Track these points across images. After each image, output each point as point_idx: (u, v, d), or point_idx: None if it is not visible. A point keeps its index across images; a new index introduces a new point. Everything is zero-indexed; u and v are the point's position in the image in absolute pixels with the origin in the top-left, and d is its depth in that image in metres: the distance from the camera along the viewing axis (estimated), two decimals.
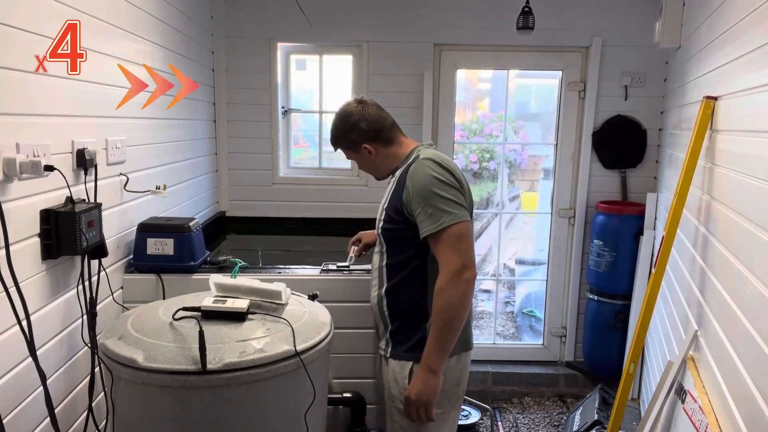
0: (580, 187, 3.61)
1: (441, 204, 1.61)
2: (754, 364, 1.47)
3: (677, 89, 3.04)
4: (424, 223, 1.63)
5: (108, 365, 1.57)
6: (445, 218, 1.60)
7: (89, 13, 1.87)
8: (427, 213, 1.61)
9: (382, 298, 1.79)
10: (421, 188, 1.63)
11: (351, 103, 1.86)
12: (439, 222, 1.60)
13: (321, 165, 3.82)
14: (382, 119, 1.84)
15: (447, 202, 1.62)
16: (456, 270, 1.59)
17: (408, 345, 1.75)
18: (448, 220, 1.60)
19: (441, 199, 1.61)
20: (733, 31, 1.99)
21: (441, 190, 1.63)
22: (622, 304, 3.41)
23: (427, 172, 1.65)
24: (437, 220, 1.60)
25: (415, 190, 1.64)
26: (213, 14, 3.40)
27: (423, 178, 1.64)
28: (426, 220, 1.62)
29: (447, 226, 1.60)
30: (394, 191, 1.75)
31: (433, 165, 1.67)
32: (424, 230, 1.63)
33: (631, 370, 2.29)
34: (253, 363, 1.50)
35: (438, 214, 1.60)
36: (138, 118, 2.31)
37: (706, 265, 2.04)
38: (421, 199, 1.63)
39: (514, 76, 3.80)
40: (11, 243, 1.46)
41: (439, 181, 1.64)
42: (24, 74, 1.54)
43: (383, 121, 1.84)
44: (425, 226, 1.62)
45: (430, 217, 1.61)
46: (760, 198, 1.55)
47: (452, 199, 1.62)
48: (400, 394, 1.73)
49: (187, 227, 2.26)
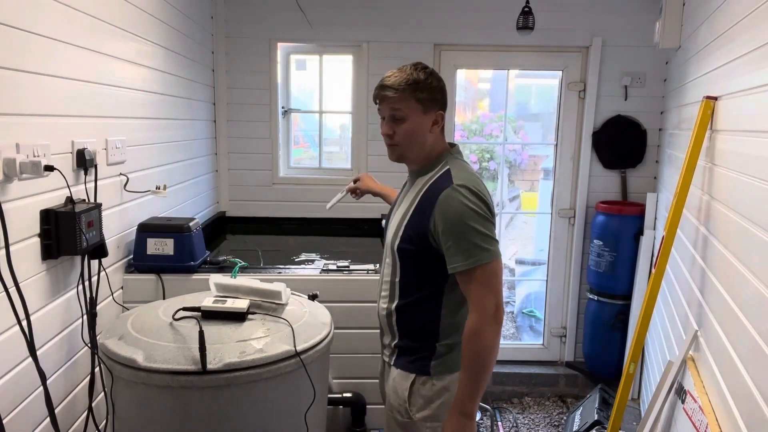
0: (580, 187, 3.61)
1: (476, 239, 1.48)
2: (754, 364, 1.47)
3: (677, 89, 3.04)
4: (455, 258, 1.50)
5: (108, 365, 1.57)
6: (481, 255, 1.48)
7: (89, 13, 1.87)
8: (461, 248, 1.49)
9: (392, 313, 1.68)
10: (455, 220, 1.50)
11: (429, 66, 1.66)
12: (474, 259, 1.48)
13: (321, 165, 3.82)
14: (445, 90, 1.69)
15: (483, 237, 1.49)
16: (491, 312, 1.48)
17: (413, 358, 1.66)
18: (484, 257, 1.48)
19: (477, 233, 1.49)
20: (733, 31, 1.99)
21: (477, 223, 1.49)
22: (622, 304, 3.41)
23: (461, 202, 1.50)
24: (471, 256, 1.48)
25: (448, 221, 1.50)
26: (213, 14, 3.40)
27: (457, 209, 1.50)
28: (458, 255, 1.49)
29: (482, 264, 1.48)
30: (418, 210, 1.59)
31: (468, 194, 1.52)
32: (457, 266, 1.50)
33: (631, 370, 2.29)
34: (253, 363, 1.51)
35: (473, 250, 1.48)
36: (138, 118, 2.31)
37: (706, 265, 2.04)
38: (454, 232, 1.50)
39: (514, 76, 3.79)
40: (11, 243, 1.46)
41: (475, 213, 1.50)
42: (24, 74, 1.54)
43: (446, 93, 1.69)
44: (457, 261, 1.50)
45: (464, 252, 1.48)
46: (760, 198, 1.55)
47: (487, 233, 1.50)
48: (399, 406, 1.67)
49: (187, 227, 2.26)
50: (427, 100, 1.59)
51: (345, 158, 3.82)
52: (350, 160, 3.75)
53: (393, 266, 1.67)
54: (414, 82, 1.58)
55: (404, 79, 1.58)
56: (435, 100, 1.61)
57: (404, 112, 1.58)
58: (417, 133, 1.61)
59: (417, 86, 1.58)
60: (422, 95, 1.59)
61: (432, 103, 1.60)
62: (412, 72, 1.59)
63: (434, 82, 1.60)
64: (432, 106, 1.60)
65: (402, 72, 1.59)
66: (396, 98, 1.58)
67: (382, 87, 1.60)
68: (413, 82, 1.58)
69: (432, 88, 1.60)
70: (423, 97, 1.58)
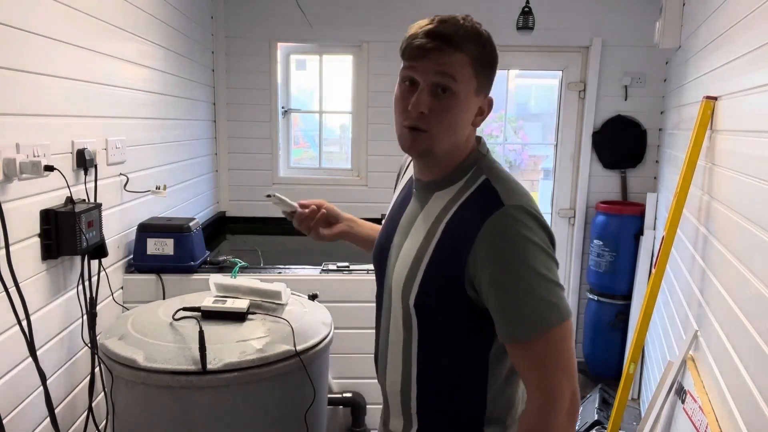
0: (580, 187, 3.61)
1: (542, 290, 0.98)
2: (754, 364, 1.47)
3: (677, 89, 3.04)
4: (511, 320, 0.99)
5: (108, 365, 1.57)
6: (549, 315, 0.98)
7: (89, 13, 1.87)
8: (520, 306, 0.98)
9: (411, 392, 1.14)
10: (513, 263, 0.98)
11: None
12: (539, 322, 0.97)
13: (321, 165, 3.82)
14: None
15: (550, 287, 0.98)
16: (563, 402, 0.98)
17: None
18: (553, 318, 0.98)
19: (542, 281, 0.98)
20: (733, 31, 1.99)
21: (543, 266, 0.98)
22: (622, 304, 3.41)
23: (521, 234, 0.98)
24: (536, 318, 0.97)
25: (500, 264, 0.99)
26: (213, 14, 3.40)
27: (514, 245, 0.98)
28: (515, 317, 0.99)
29: (550, 329, 0.97)
30: (445, 244, 1.05)
31: (529, 221, 1.00)
32: (515, 333, 0.99)
33: (631, 370, 2.29)
34: (253, 363, 1.50)
35: (538, 308, 0.97)
36: (138, 118, 2.31)
37: (706, 265, 2.04)
38: (511, 281, 0.98)
39: (514, 76, 3.79)
40: (11, 243, 1.46)
41: (541, 251, 0.99)
42: (24, 74, 1.54)
43: None
44: (515, 326, 0.99)
45: (525, 312, 0.98)
46: (760, 198, 1.55)
47: (555, 280, 1.00)
48: None
49: (187, 227, 2.26)
50: (485, 74, 1.07)
51: (345, 158, 3.82)
52: (350, 160, 3.75)
53: (406, 326, 1.12)
54: (478, 39, 1.04)
55: (464, 28, 1.03)
56: (491, 78, 1.10)
57: (457, 80, 1.02)
58: (462, 119, 1.06)
59: (482, 49, 1.05)
60: (483, 66, 1.06)
61: (488, 82, 1.09)
62: (473, 23, 1.05)
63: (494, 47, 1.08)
64: (487, 85, 1.09)
65: (453, 18, 1.04)
66: (450, 57, 1.01)
67: (430, 34, 1.01)
68: (478, 38, 1.04)
69: (495, 57, 1.09)
70: (483, 70, 1.06)
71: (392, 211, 1.25)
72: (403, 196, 1.23)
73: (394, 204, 1.26)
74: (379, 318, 1.23)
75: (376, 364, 1.26)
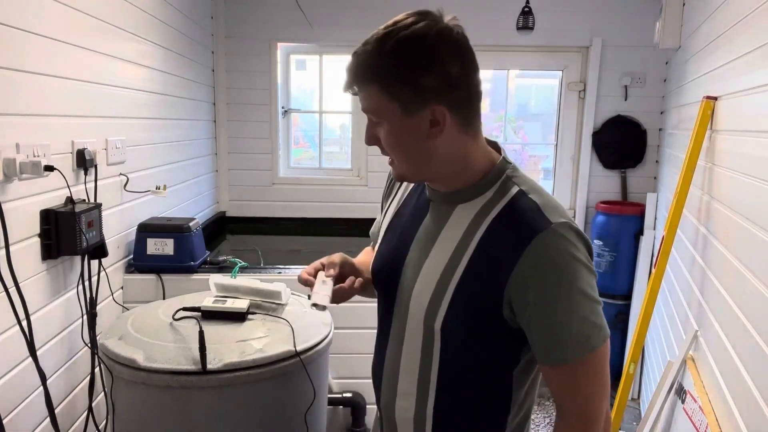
0: (580, 187, 3.61)
1: (588, 312, 0.93)
2: (754, 364, 1.47)
3: (677, 89, 3.04)
4: (556, 343, 0.94)
5: (108, 365, 1.57)
6: (595, 336, 0.94)
7: (89, 13, 1.87)
8: (566, 329, 0.93)
9: (427, 419, 1.07)
10: (563, 285, 0.93)
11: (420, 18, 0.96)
12: (586, 344, 0.93)
13: (321, 165, 3.82)
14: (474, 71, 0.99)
15: (594, 308, 0.95)
16: (600, 425, 0.97)
17: None
18: (599, 339, 0.94)
19: (589, 302, 0.94)
20: (733, 31, 1.99)
21: (588, 286, 0.94)
22: (622, 304, 3.41)
23: (572, 255, 0.93)
24: (582, 340, 0.93)
25: (549, 286, 0.93)
26: (213, 14, 3.40)
27: (566, 267, 0.93)
28: (560, 339, 0.94)
29: (594, 349, 0.94)
30: (479, 263, 0.97)
31: (576, 239, 0.94)
32: (560, 356, 0.94)
33: (631, 370, 2.29)
34: (253, 363, 1.50)
35: (584, 330, 0.93)
36: (138, 118, 2.31)
37: (706, 265, 2.04)
38: (560, 304, 0.93)
39: (514, 76, 3.79)
40: (11, 243, 1.46)
41: (587, 270, 0.95)
42: (24, 74, 1.54)
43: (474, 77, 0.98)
44: (560, 350, 0.94)
45: (571, 336, 0.93)
46: (760, 198, 1.55)
47: (597, 299, 0.96)
48: None
49: (187, 227, 2.26)
50: (407, 90, 0.93)
51: (345, 158, 3.82)
52: (350, 160, 3.75)
53: (426, 350, 1.05)
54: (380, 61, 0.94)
55: (366, 58, 0.96)
56: (421, 88, 0.92)
57: (377, 112, 0.98)
58: (407, 144, 0.97)
59: (390, 70, 0.93)
60: (398, 84, 0.93)
61: (415, 95, 0.93)
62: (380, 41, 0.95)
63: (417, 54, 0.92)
64: (419, 99, 0.93)
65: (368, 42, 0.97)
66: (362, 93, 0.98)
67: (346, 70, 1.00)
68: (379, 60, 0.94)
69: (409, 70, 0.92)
70: (400, 87, 0.93)
71: (401, 221, 1.13)
72: (414, 206, 1.12)
73: (402, 213, 1.14)
74: (385, 340, 1.13)
75: (378, 387, 1.16)
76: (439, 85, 0.93)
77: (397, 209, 1.17)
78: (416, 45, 0.92)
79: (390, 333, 1.11)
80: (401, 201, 1.17)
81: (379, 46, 0.94)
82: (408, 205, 1.15)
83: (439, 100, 0.93)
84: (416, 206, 1.11)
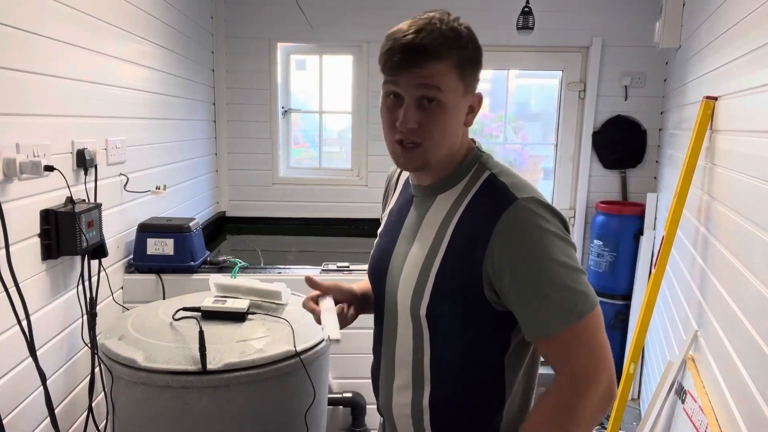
0: (580, 187, 3.61)
1: (569, 279, 0.94)
2: (754, 364, 1.47)
3: (677, 89, 3.04)
4: (540, 315, 0.94)
5: (108, 365, 1.57)
6: (581, 304, 0.94)
7: (89, 13, 1.87)
8: (549, 297, 0.94)
9: (424, 411, 1.08)
10: (536, 255, 0.94)
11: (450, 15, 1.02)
12: (572, 311, 0.93)
13: (321, 165, 3.82)
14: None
15: (575, 275, 0.95)
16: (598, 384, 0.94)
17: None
18: (584, 306, 0.94)
19: (567, 271, 0.94)
20: (733, 31, 1.99)
21: (564, 255, 0.95)
22: (622, 304, 3.41)
23: (539, 226, 0.95)
24: (568, 308, 0.93)
25: (523, 259, 0.95)
26: (213, 14, 3.40)
27: (534, 237, 0.95)
28: (546, 310, 0.94)
29: (584, 317, 0.94)
30: (457, 246, 1.00)
31: (544, 212, 0.97)
32: (549, 327, 0.95)
33: (631, 370, 2.29)
34: (253, 363, 1.51)
35: (568, 298, 0.93)
36: (138, 118, 2.31)
37: (706, 265, 2.04)
38: (536, 274, 0.94)
39: (514, 76, 3.79)
40: (11, 243, 1.46)
41: (561, 240, 0.96)
42: (25, 74, 1.54)
43: None
44: (546, 322, 0.94)
45: (556, 304, 0.93)
46: (760, 198, 1.55)
47: (578, 267, 0.96)
48: None
49: (187, 227, 2.26)
50: (471, 74, 1.02)
51: (345, 158, 3.82)
52: (350, 160, 3.75)
53: (416, 340, 1.07)
54: (459, 42, 0.98)
55: (443, 35, 0.97)
56: (478, 76, 1.05)
57: (443, 90, 0.97)
58: (453, 125, 1.02)
59: (464, 50, 0.99)
60: (467, 68, 1.00)
61: (474, 80, 1.04)
62: (451, 24, 0.98)
63: (480, 46, 1.03)
64: (473, 83, 1.04)
65: (430, 23, 0.97)
66: (432, 69, 0.96)
67: (408, 48, 0.96)
68: (458, 41, 0.98)
69: (479, 54, 1.03)
70: (468, 71, 1.00)
71: (389, 221, 1.18)
72: (399, 205, 1.17)
73: (390, 214, 1.19)
74: (380, 339, 1.15)
75: (377, 389, 1.18)
76: (479, 76, 1.05)
77: (388, 213, 1.22)
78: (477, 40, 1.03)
79: (384, 332, 1.15)
80: (392, 205, 1.22)
81: (455, 30, 0.99)
82: (396, 205, 1.20)
83: (476, 88, 1.05)
84: (402, 204, 1.17)
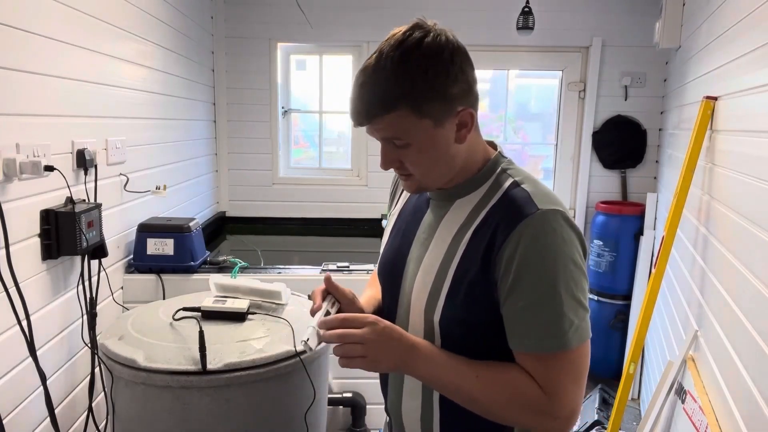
0: (580, 187, 3.61)
1: (568, 307, 0.91)
2: (754, 364, 1.47)
3: (677, 89, 3.04)
4: (529, 330, 0.93)
5: (108, 365, 1.57)
6: (570, 336, 0.92)
7: (89, 13, 1.87)
8: (540, 317, 0.92)
9: (433, 414, 1.07)
10: (547, 268, 0.91)
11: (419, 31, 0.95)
12: (556, 340, 0.92)
13: (321, 165, 3.82)
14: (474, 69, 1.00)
15: (576, 305, 0.92)
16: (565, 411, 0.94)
17: None
18: (572, 339, 0.92)
19: (570, 297, 0.92)
20: (733, 31, 1.99)
21: (573, 280, 0.92)
22: (622, 304, 3.41)
23: (562, 239, 0.92)
24: (553, 335, 0.92)
25: (534, 267, 0.91)
26: (213, 14, 3.40)
27: (553, 250, 0.92)
28: (532, 327, 0.93)
29: (567, 351, 0.92)
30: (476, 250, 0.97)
31: (566, 229, 0.93)
32: (527, 344, 0.94)
33: (631, 370, 2.29)
34: (253, 363, 1.50)
35: (558, 324, 0.91)
36: (138, 118, 2.31)
37: (706, 265, 2.04)
38: (539, 288, 0.91)
39: (514, 76, 3.79)
40: (11, 243, 1.46)
41: (575, 266, 0.93)
42: (24, 74, 1.54)
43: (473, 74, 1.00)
44: (529, 336, 0.93)
45: (544, 326, 0.92)
46: (760, 198, 1.55)
47: (582, 301, 0.94)
48: None
49: (187, 227, 2.26)
50: (436, 105, 0.94)
51: (345, 158, 3.82)
52: (350, 160, 3.75)
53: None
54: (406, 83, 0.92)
55: (386, 82, 0.92)
56: (450, 97, 0.94)
57: (403, 135, 0.95)
58: (437, 154, 0.98)
59: (413, 88, 0.92)
60: (427, 102, 0.93)
61: (447, 105, 0.95)
62: (397, 62, 0.92)
63: (440, 67, 0.93)
64: (448, 108, 0.95)
65: (380, 67, 0.93)
66: (383, 121, 0.94)
67: (354, 107, 0.96)
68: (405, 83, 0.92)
69: (438, 83, 0.93)
70: (429, 102, 0.93)
71: (402, 221, 1.15)
72: (414, 205, 1.14)
73: (403, 214, 1.16)
74: None
75: (385, 391, 1.17)
76: (461, 90, 0.96)
77: (399, 212, 1.19)
78: (437, 58, 0.93)
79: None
80: (403, 204, 1.20)
81: (398, 68, 0.92)
82: (408, 205, 1.17)
83: (462, 103, 0.96)
84: (416, 205, 1.14)
